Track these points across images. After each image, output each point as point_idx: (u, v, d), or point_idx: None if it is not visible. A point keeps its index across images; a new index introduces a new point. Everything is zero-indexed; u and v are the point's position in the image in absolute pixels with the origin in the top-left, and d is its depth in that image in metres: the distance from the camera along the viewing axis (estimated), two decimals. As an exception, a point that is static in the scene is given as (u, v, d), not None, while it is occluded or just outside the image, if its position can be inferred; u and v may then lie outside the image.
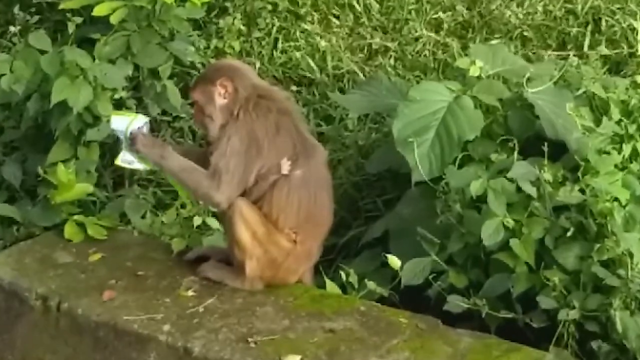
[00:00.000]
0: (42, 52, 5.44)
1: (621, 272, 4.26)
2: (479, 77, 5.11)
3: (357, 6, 6.70)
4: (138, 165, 4.54)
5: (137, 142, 4.46)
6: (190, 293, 4.48)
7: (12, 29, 5.90)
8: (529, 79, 5.08)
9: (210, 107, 4.41)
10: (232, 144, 4.33)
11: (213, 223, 4.86)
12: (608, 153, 4.73)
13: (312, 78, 6.47)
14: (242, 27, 6.58)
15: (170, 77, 5.83)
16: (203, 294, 4.46)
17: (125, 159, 4.54)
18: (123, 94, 5.49)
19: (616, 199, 4.53)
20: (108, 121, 4.75)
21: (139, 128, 4.52)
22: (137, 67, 5.75)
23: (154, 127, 4.61)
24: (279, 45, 6.67)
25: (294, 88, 6.42)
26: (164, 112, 5.98)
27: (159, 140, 4.47)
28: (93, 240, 4.93)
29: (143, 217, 5.18)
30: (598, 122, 4.85)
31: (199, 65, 6.32)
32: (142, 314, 4.34)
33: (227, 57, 6.21)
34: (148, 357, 4.22)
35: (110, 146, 5.61)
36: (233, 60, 4.99)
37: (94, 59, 5.39)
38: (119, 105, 5.48)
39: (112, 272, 4.66)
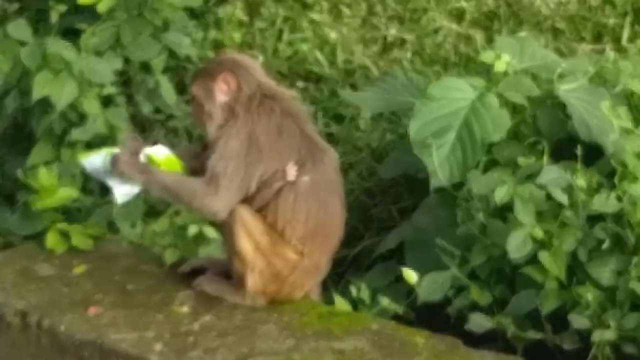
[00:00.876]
0: (22, 43, 5.46)
1: (662, 288, 4.27)
2: (505, 73, 5.13)
3: (370, -6, 6.75)
4: (137, 189, 4.55)
5: (119, 163, 4.45)
6: (184, 309, 4.50)
7: (-12, 17, 5.95)
8: (560, 75, 5.10)
9: (209, 104, 4.43)
10: (231, 145, 4.36)
11: (210, 232, 4.88)
12: (648, 157, 4.75)
13: (320, 73, 6.51)
14: (244, 17, 6.64)
15: (164, 72, 5.87)
16: (199, 309, 4.48)
17: (123, 193, 4.54)
18: (111, 90, 5.52)
19: (656, 208, 4.54)
20: (80, 159, 4.72)
21: None
22: (127, 61, 5.78)
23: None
24: (284, 37, 6.71)
25: (300, 84, 6.46)
26: (157, 110, 6.01)
27: (139, 159, 4.49)
28: (78, 251, 4.95)
29: (133, 225, 5.20)
30: (637, 123, 4.87)
31: (195, 59, 6.36)
32: (131, 331, 4.36)
33: (231, 50, 6.23)
34: (138, 380, 4.25)
35: (97, 147, 5.63)
36: (238, 54, 5.02)
37: (79, 52, 5.42)
38: (107, 101, 5.51)
39: (98, 286, 4.68)
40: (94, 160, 4.60)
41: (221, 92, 4.43)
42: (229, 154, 4.35)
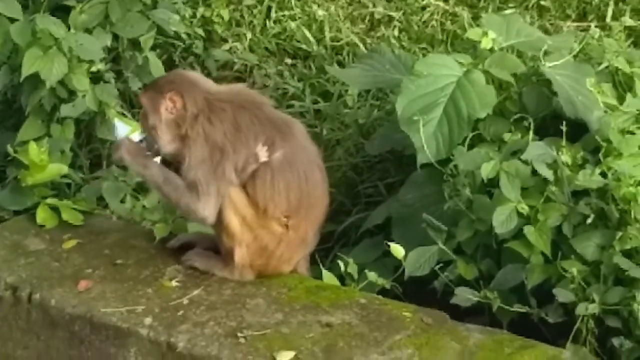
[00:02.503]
0: (12, 20, 5.46)
1: (645, 262, 4.29)
2: (491, 50, 5.13)
3: (358, -29, 6.73)
4: None
5: (121, 148, 4.51)
6: (174, 283, 4.51)
7: (-22, -5, 5.90)
8: (546, 53, 5.10)
9: (154, 118, 4.45)
10: (195, 155, 4.39)
11: (199, 208, 4.87)
12: (632, 133, 4.75)
13: (308, 50, 6.49)
14: (232, -6, 6.61)
15: (153, 49, 5.86)
16: (188, 284, 4.49)
17: None
18: (100, 66, 5.51)
19: (640, 183, 4.56)
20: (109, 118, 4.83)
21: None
22: (116, 37, 5.77)
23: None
24: (272, 14, 6.69)
25: (288, 61, 6.45)
26: (145, 87, 5.99)
27: (144, 150, 4.51)
28: (68, 226, 4.95)
29: (122, 201, 5.19)
30: (621, 100, 4.88)
31: (184, 36, 6.35)
32: (121, 306, 4.37)
33: (183, 69, 6.16)
34: (128, 353, 4.25)
35: (87, 123, 5.64)
36: (190, 72, 5.03)
37: (68, 28, 5.41)
38: (96, 78, 5.50)
39: (88, 261, 4.68)
40: (120, 129, 4.65)
41: (166, 109, 4.44)
42: (195, 164, 4.38)
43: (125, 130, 4.63)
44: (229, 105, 4.44)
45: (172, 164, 4.52)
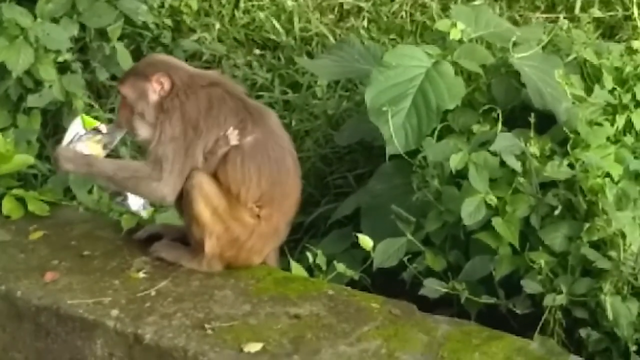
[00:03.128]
0: (-22, 9, 5.42)
1: (612, 254, 4.30)
2: (460, 41, 5.14)
3: (327, -38, 6.71)
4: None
5: (59, 160, 4.45)
6: (141, 275, 4.48)
7: (-57, -17, 5.85)
8: (515, 44, 5.11)
9: (142, 104, 4.43)
10: (166, 131, 4.37)
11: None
12: (600, 125, 4.77)
13: (277, 41, 6.49)
14: (201, -16, 6.58)
15: (120, 39, 5.83)
16: (155, 276, 4.47)
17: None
18: (67, 56, 5.49)
19: (608, 175, 4.57)
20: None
21: (80, 136, 4.52)
22: (83, 27, 5.74)
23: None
24: (241, 4, 6.68)
25: (257, 52, 6.44)
26: (113, 77, 5.97)
27: (80, 152, 4.47)
28: (34, 217, 4.91)
29: (89, 192, 5.18)
30: (589, 91, 4.89)
31: (152, 26, 6.32)
32: (87, 297, 4.34)
33: (155, 54, 6.14)
34: (94, 345, 4.23)
35: (54, 114, 5.61)
36: (163, 55, 5.02)
37: (35, 18, 5.37)
38: (63, 68, 5.47)
39: (54, 252, 4.65)
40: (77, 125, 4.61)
41: (154, 92, 4.42)
42: (165, 139, 4.36)
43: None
44: (206, 86, 4.44)
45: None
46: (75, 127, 4.57)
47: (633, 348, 4.24)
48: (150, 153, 4.38)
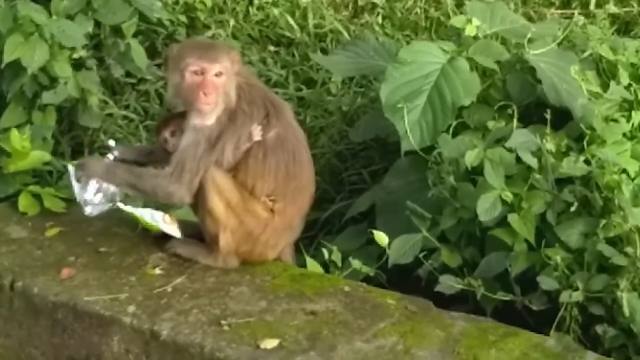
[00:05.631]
0: (-7, 6, 5.43)
1: (629, 250, 4.30)
2: (475, 37, 5.14)
3: (341, -42, 6.72)
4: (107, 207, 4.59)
5: (86, 167, 4.53)
6: (157, 271, 4.50)
7: (-43, -20, 5.87)
8: (530, 40, 5.11)
9: (230, 81, 4.42)
10: (209, 126, 4.37)
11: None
12: (616, 121, 4.78)
13: (291, 37, 6.49)
14: (215, -20, 6.59)
15: (135, 35, 5.84)
16: (171, 272, 4.49)
17: (91, 208, 4.60)
18: (82, 53, 5.50)
19: (624, 171, 4.58)
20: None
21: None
22: (98, 24, 5.75)
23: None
24: (255, 1, 6.68)
25: (271, 48, 6.44)
26: (127, 74, 5.99)
27: (99, 158, 4.52)
28: (50, 214, 4.94)
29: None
30: (605, 87, 4.90)
31: (166, 23, 6.33)
32: (104, 293, 4.36)
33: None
34: (111, 341, 4.25)
35: (69, 110, 5.63)
36: None
37: (50, 15, 5.38)
38: (78, 65, 5.48)
39: (71, 248, 4.67)
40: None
41: (233, 69, 4.44)
42: (202, 136, 4.36)
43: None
44: (243, 79, 4.47)
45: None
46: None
47: (650, 344, 4.25)
48: (178, 151, 4.39)
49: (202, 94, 4.33)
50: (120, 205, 4.55)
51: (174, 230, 4.55)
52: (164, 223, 4.54)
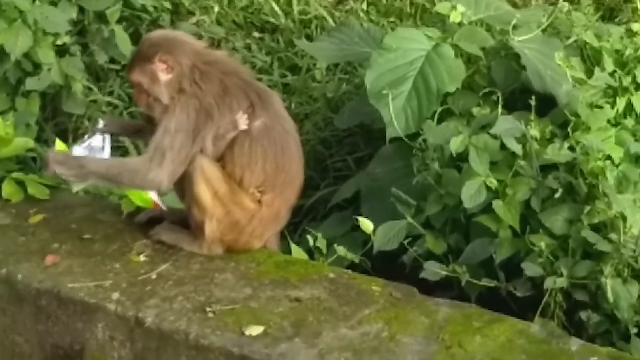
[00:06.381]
0: (-24, -8, 5.41)
1: (613, 236, 4.32)
2: (460, 24, 5.14)
3: (326, -57, 6.71)
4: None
5: (50, 163, 4.37)
6: (142, 258, 4.49)
7: (-60, -35, 5.84)
8: (515, 27, 5.12)
9: (155, 88, 4.38)
10: (179, 118, 4.32)
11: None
12: (601, 107, 4.78)
13: (276, 24, 6.48)
14: (200, -33, 6.58)
15: (119, 22, 5.82)
16: (156, 259, 4.47)
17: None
18: (66, 39, 5.48)
19: (609, 158, 4.59)
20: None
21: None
22: (82, 10, 5.73)
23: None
24: (240, -13, 6.67)
25: (256, 35, 6.43)
26: (112, 60, 5.97)
27: (71, 155, 4.46)
28: (34, 201, 4.91)
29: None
30: (590, 74, 4.90)
31: (151, 9, 6.31)
32: (89, 281, 4.35)
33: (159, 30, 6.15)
34: (96, 328, 4.23)
35: (53, 97, 5.61)
36: (167, 30, 4.99)
37: (34, 1, 5.36)
38: (62, 51, 5.46)
39: (55, 235, 4.65)
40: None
41: (162, 72, 4.39)
42: (177, 128, 4.31)
43: None
44: (218, 69, 4.41)
45: None
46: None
47: (634, 331, 4.26)
48: (153, 142, 4.34)
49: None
50: None
51: (161, 202, 4.55)
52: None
